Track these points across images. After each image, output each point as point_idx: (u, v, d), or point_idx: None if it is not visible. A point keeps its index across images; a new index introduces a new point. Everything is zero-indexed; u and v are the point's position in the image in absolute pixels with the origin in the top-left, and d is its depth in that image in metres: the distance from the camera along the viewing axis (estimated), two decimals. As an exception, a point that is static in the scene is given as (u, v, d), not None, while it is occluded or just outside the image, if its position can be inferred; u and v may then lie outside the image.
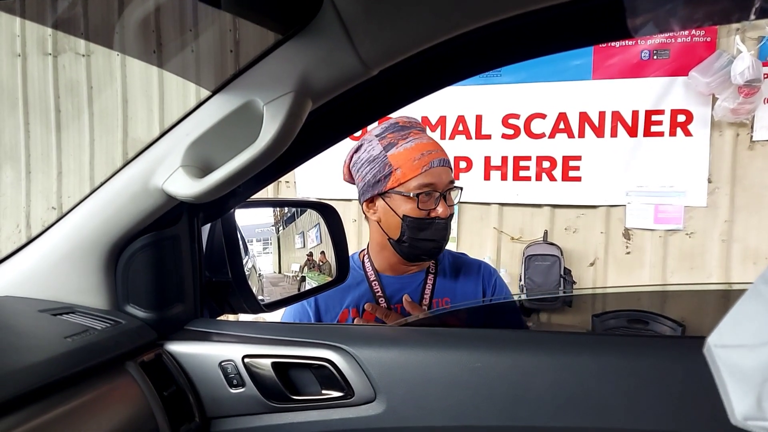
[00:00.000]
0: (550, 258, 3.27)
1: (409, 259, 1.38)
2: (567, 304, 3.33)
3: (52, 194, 4.25)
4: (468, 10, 0.65)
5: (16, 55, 4.27)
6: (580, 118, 3.33)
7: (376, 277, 1.45)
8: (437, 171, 1.31)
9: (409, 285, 1.44)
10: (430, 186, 1.31)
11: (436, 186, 1.31)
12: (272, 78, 0.71)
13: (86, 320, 0.76)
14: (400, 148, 1.34)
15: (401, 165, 1.32)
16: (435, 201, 1.32)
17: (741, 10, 0.59)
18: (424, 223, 1.32)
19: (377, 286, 1.43)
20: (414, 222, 1.32)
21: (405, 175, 1.31)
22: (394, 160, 1.33)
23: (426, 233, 1.32)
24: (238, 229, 0.98)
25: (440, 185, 1.32)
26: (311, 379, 0.81)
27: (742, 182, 3.10)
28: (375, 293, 1.42)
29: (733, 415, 0.38)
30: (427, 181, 1.30)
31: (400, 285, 1.43)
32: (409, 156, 1.32)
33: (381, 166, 1.34)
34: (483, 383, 0.75)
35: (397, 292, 1.42)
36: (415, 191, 1.30)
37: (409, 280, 1.45)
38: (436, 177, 1.31)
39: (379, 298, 1.42)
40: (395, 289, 1.43)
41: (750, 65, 2.80)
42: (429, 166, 1.31)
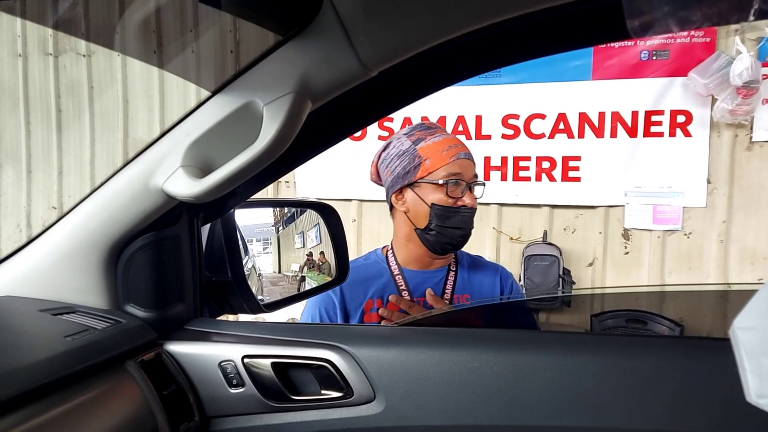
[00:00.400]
0: (549, 258, 3.27)
1: (434, 249, 1.44)
2: (566, 304, 3.33)
3: (53, 194, 4.25)
4: (467, 12, 0.65)
5: (18, 56, 4.27)
6: (579, 119, 3.33)
7: (399, 270, 1.51)
8: (464, 162, 1.41)
9: (431, 279, 1.50)
10: (458, 175, 1.39)
11: (462, 176, 1.39)
12: (272, 79, 0.71)
13: (86, 320, 0.76)
14: (428, 142, 1.42)
15: (430, 156, 1.40)
16: (462, 190, 1.39)
17: (740, 11, 0.59)
18: (452, 211, 1.39)
19: (400, 280, 1.49)
20: (442, 210, 1.39)
21: (434, 164, 1.39)
22: (423, 152, 1.41)
23: (453, 221, 1.40)
24: (237, 229, 0.98)
25: (466, 176, 1.40)
26: (310, 379, 0.81)
27: (741, 183, 3.10)
28: (398, 286, 1.48)
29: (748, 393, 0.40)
30: (455, 171, 1.38)
31: (422, 279, 1.49)
32: (437, 148, 1.41)
33: (410, 158, 1.42)
34: (481, 383, 0.75)
35: (419, 286, 1.48)
36: (444, 179, 1.38)
37: (431, 274, 1.51)
38: (462, 168, 1.40)
39: (402, 291, 1.48)
40: (417, 282, 1.49)
41: (749, 66, 2.81)
42: (456, 157, 1.40)
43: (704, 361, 0.72)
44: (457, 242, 1.42)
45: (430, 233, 1.42)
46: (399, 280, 1.49)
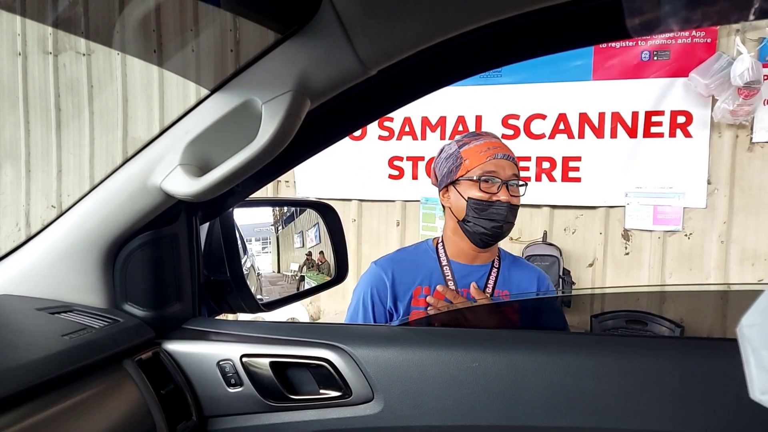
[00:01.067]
0: (549, 258, 3.27)
1: (474, 240, 1.56)
2: (566, 305, 3.32)
3: (52, 193, 4.25)
4: (466, 10, 0.65)
5: (17, 54, 4.27)
6: (579, 119, 3.33)
7: (447, 262, 1.63)
8: (500, 162, 1.52)
9: (475, 273, 1.61)
10: (493, 173, 1.51)
11: (497, 174, 1.51)
12: (271, 77, 0.71)
13: (84, 318, 0.76)
14: (471, 145, 1.57)
15: (469, 156, 1.55)
16: (497, 187, 1.51)
17: (740, 11, 0.59)
18: (485, 204, 1.51)
19: (447, 271, 1.61)
20: (476, 203, 1.52)
21: (472, 164, 1.53)
22: (465, 153, 1.56)
23: (487, 214, 1.51)
24: (236, 228, 0.98)
25: (502, 175, 1.51)
26: (309, 379, 0.81)
27: (741, 184, 3.10)
28: (445, 276, 1.60)
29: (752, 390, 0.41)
30: (489, 169, 1.51)
31: (467, 272, 1.61)
32: (477, 149, 1.55)
33: (454, 159, 1.57)
34: (480, 383, 0.75)
35: (464, 278, 1.60)
36: (478, 176, 1.51)
37: (475, 269, 1.62)
38: (498, 166, 1.51)
39: (448, 281, 1.59)
40: (463, 274, 1.60)
41: (750, 67, 2.80)
42: (492, 157, 1.52)
43: (704, 361, 0.72)
44: (492, 232, 1.53)
45: (468, 224, 1.55)
46: (446, 271, 1.61)
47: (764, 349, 0.40)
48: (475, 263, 1.63)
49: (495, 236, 1.54)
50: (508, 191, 1.51)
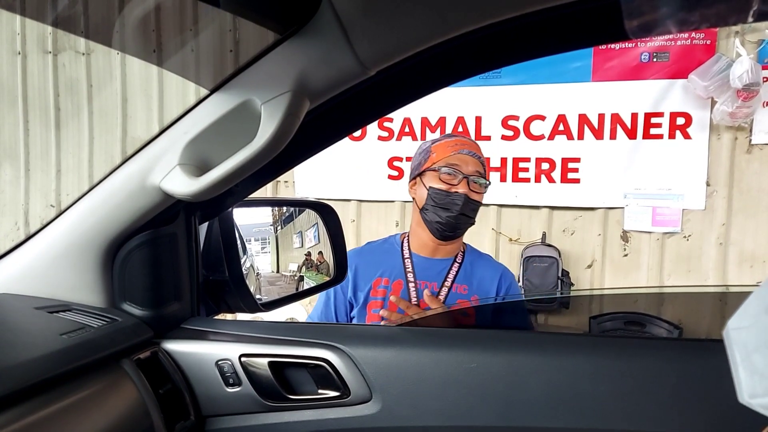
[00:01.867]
0: (548, 259, 3.27)
1: (431, 229, 1.61)
2: (564, 306, 3.33)
3: (51, 192, 4.24)
4: (466, 11, 0.65)
5: (16, 53, 4.27)
6: (579, 120, 3.33)
7: (409, 255, 1.69)
8: (464, 157, 1.60)
9: (436, 266, 1.67)
10: (455, 166, 1.58)
11: (459, 167, 1.58)
12: (270, 77, 0.71)
13: (82, 318, 0.76)
14: (441, 141, 1.65)
15: (438, 150, 1.63)
16: (458, 180, 1.57)
17: (739, 13, 0.59)
18: (444, 194, 1.57)
19: (409, 264, 1.67)
20: (436, 193, 1.58)
21: (438, 156, 1.61)
22: (434, 148, 1.64)
23: (444, 203, 1.57)
24: (235, 228, 0.98)
25: (465, 169, 1.58)
26: (307, 379, 0.81)
27: (740, 186, 3.10)
28: (406, 269, 1.66)
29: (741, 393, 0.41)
30: (452, 162, 1.58)
31: (428, 265, 1.67)
32: (445, 145, 1.63)
33: (424, 153, 1.66)
34: (478, 384, 0.75)
35: (424, 270, 1.66)
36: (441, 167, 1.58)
37: (436, 262, 1.67)
38: (461, 161, 1.59)
39: (408, 273, 1.65)
40: (423, 267, 1.66)
41: (749, 69, 2.80)
42: (458, 152, 1.60)
43: (701, 362, 0.72)
44: (446, 222, 1.58)
45: (426, 213, 1.61)
46: (407, 264, 1.67)
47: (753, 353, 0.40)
48: (437, 257, 1.68)
49: (450, 226, 1.59)
50: (468, 186, 1.57)
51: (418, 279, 1.64)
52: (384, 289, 1.63)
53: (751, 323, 0.41)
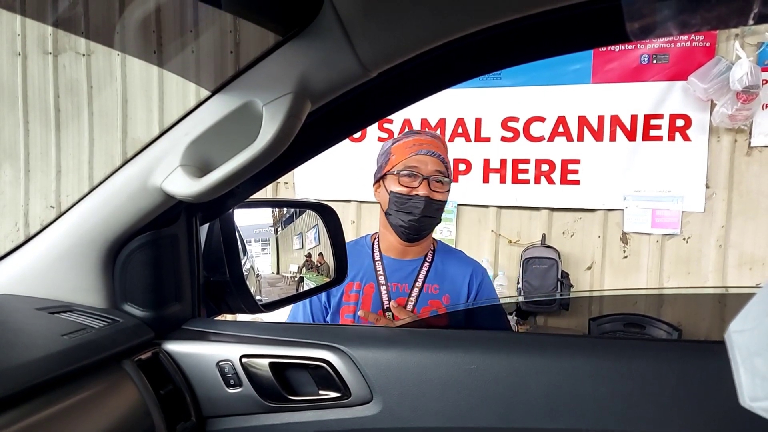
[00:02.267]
0: (547, 261, 3.27)
1: (396, 232, 1.61)
2: (564, 308, 3.33)
3: (51, 193, 4.24)
4: (466, 14, 0.65)
5: (17, 54, 4.27)
6: (579, 122, 3.33)
7: (380, 257, 1.68)
8: (423, 158, 1.58)
9: (406, 267, 1.66)
10: (414, 168, 1.57)
11: (419, 169, 1.57)
12: (272, 79, 0.71)
13: (84, 318, 0.76)
14: (400, 142, 1.63)
15: (396, 152, 1.61)
16: (418, 182, 1.56)
17: (740, 15, 0.59)
18: (404, 198, 1.57)
19: (379, 266, 1.66)
20: (396, 197, 1.58)
21: (397, 159, 1.60)
22: (393, 149, 1.63)
23: (405, 207, 1.57)
24: (236, 229, 0.98)
25: (424, 170, 1.57)
26: (308, 380, 0.81)
27: (739, 188, 3.10)
28: (376, 271, 1.65)
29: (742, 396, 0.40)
30: (411, 164, 1.57)
31: (398, 266, 1.66)
32: (404, 146, 1.61)
33: (385, 155, 1.65)
34: (478, 385, 0.75)
35: (395, 272, 1.65)
36: (400, 170, 1.58)
37: (406, 263, 1.67)
38: (420, 162, 1.57)
39: (379, 275, 1.65)
40: (393, 269, 1.66)
41: (748, 71, 2.81)
42: (416, 153, 1.58)
43: (702, 364, 0.72)
44: (409, 225, 1.58)
45: (389, 217, 1.61)
46: (378, 267, 1.66)
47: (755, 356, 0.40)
48: (406, 258, 1.68)
49: (413, 229, 1.59)
50: (429, 187, 1.56)
51: (390, 281, 1.63)
52: (356, 293, 1.62)
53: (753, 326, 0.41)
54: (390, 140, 1.68)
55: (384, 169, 1.63)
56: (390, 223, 1.62)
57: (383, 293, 1.62)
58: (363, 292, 1.62)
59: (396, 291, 1.62)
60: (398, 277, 1.64)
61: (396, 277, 1.64)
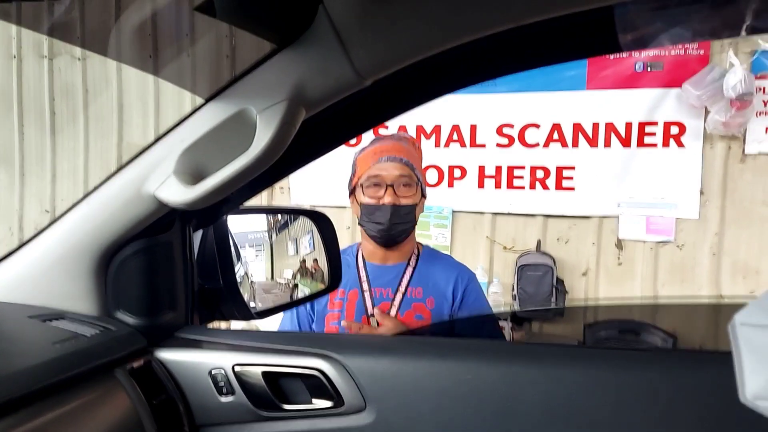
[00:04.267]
0: (542, 268, 3.27)
1: (372, 240, 1.63)
2: (559, 314, 3.33)
3: (46, 197, 4.23)
4: (461, 23, 0.65)
5: (12, 57, 4.26)
6: (573, 129, 3.34)
7: (363, 264, 1.69)
8: (385, 165, 1.59)
9: (389, 272, 1.67)
10: (376, 177, 1.58)
11: (382, 178, 1.57)
12: (267, 86, 0.71)
13: (76, 326, 0.75)
14: (363, 152, 1.66)
15: (360, 164, 1.64)
16: (383, 190, 1.57)
17: (732, 27, 0.59)
18: (372, 207, 1.58)
19: (362, 273, 1.67)
20: (365, 207, 1.60)
21: (361, 170, 1.62)
22: (357, 161, 1.67)
23: (374, 217, 1.58)
24: (230, 236, 0.97)
25: (387, 178, 1.57)
26: (301, 388, 0.81)
27: (733, 195, 3.11)
28: (360, 278, 1.66)
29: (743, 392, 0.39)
30: (373, 173, 1.59)
31: (381, 272, 1.67)
32: (366, 156, 1.64)
33: (352, 168, 1.69)
34: (473, 395, 0.75)
35: (378, 278, 1.66)
36: (364, 182, 1.60)
37: (389, 268, 1.68)
38: (383, 170, 1.58)
39: (362, 282, 1.65)
40: (376, 275, 1.67)
41: (742, 79, 2.82)
42: (377, 161, 1.59)
43: (697, 373, 0.72)
44: (380, 235, 1.59)
45: (363, 227, 1.63)
46: (361, 273, 1.67)
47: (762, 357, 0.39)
48: (388, 263, 1.68)
49: (386, 237, 1.60)
50: (395, 193, 1.57)
51: (373, 287, 1.64)
52: (340, 300, 1.63)
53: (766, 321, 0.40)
54: (356, 150, 1.71)
55: (352, 182, 1.67)
56: (365, 232, 1.64)
57: (367, 299, 1.62)
58: (347, 299, 1.62)
59: (380, 296, 1.63)
60: (381, 283, 1.65)
61: (379, 282, 1.65)
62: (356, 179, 1.64)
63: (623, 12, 0.60)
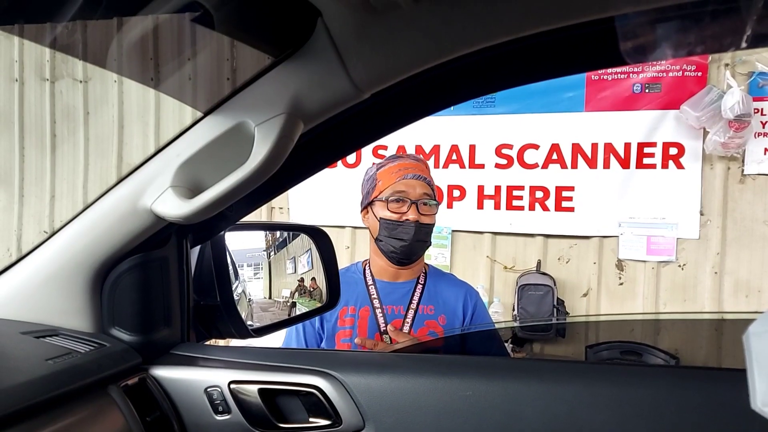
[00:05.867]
0: (543, 288, 3.25)
1: (388, 257, 1.62)
2: (560, 335, 3.30)
3: (45, 218, 4.22)
4: (460, 36, 0.65)
5: (14, 80, 4.28)
6: (572, 150, 3.36)
7: (372, 281, 1.68)
8: (410, 182, 1.59)
9: (399, 290, 1.67)
10: (402, 193, 1.58)
11: (407, 194, 1.57)
12: (264, 99, 0.71)
13: (70, 343, 0.74)
14: (386, 166, 1.64)
15: (383, 178, 1.62)
16: (407, 207, 1.57)
17: (733, 38, 0.59)
18: (395, 224, 1.57)
19: (373, 290, 1.66)
20: (387, 223, 1.58)
21: (384, 184, 1.60)
22: (380, 175, 1.63)
23: (396, 233, 1.58)
24: (227, 253, 0.97)
25: (412, 194, 1.58)
26: (298, 407, 0.79)
27: (734, 215, 3.11)
28: (370, 296, 1.65)
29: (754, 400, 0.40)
30: (399, 189, 1.58)
31: (391, 289, 1.67)
32: (389, 171, 1.62)
33: (371, 181, 1.65)
34: (474, 412, 0.73)
35: (389, 295, 1.66)
36: (388, 196, 1.58)
37: (399, 285, 1.68)
38: (408, 186, 1.58)
39: (373, 299, 1.64)
40: (387, 292, 1.66)
41: (740, 100, 2.84)
42: (402, 178, 1.59)
43: (701, 391, 0.71)
44: (401, 251, 1.59)
45: (380, 243, 1.62)
46: (372, 290, 1.66)
47: None
48: (399, 281, 1.68)
49: (405, 255, 1.60)
50: (418, 211, 1.57)
51: (384, 304, 1.64)
52: (351, 317, 1.62)
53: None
54: (374, 166, 1.69)
55: (371, 195, 1.64)
56: (381, 249, 1.63)
57: (379, 316, 1.62)
58: (358, 316, 1.61)
59: (391, 313, 1.63)
60: (392, 300, 1.65)
61: (390, 299, 1.65)
62: (377, 193, 1.62)
63: (621, 24, 0.60)
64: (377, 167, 1.66)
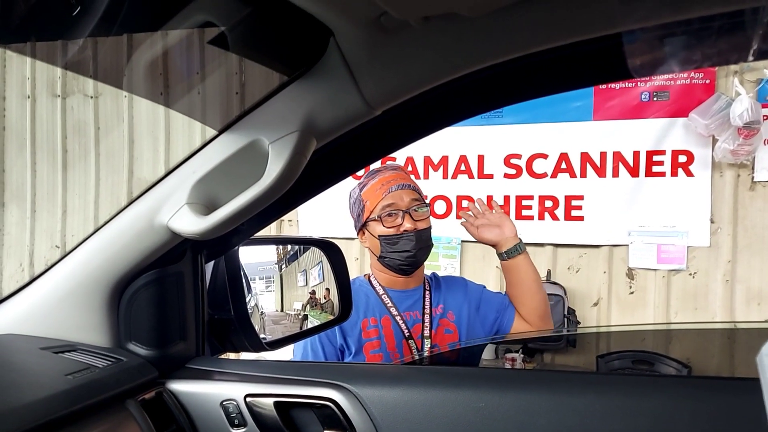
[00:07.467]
0: (553, 297, 3.24)
1: (395, 271, 1.64)
2: (571, 345, 3.29)
3: (56, 233, 4.26)
4: (469, 53, 0.67)
5: (26, 97, 4.34)
6: (581, 159, 3.35)
7: (384, 291, 1.69)
8: (396, 194, 1.60)
9: (411, 296, 1.70)
10: (391, 206, 1.59)
11: (397, 206, 1.59)
12: (278, 117, 0.72)
13: (88, 358, 0.75)
14: (368, 186, 1.66)
15: (369, 197, 1.64)
16: (400, 218, 1.58)
17: (740, 51, 0.60)
18: (394, 238, 1.59)
19: (386, 298, 1.68)
20: (386, 239, 1.60)
21: (372, 204, 1.62)
22: (365, 195, 1.65)
23: (398, 246, 1.60)
24: (241, 267, 0.98)
25: (402, 205, 1.59)
26: (313, 419, 0.80)
27: (744, 223, 3.09)
28: (386, 304, 1.67)
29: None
30: (387, 203, 1.59)
31: (404, 296, 1.69)
32: (373, 189, 1.64)
33: (358, 204, 1.67)
34: (487, 424, 0.73)
35: (403, 302, 1.68)
36: (380, 213, 1.59)
37: (410, 292, 1.70)
38: (395, 198, 1.60)
39: (390, 307, 1.66)
40: (400, 300, 1.68)
41: (749, 107, 2.83)
42: (388, 191, 1.60)
43: (714, 401, 0.71)
44: (408, 262, 1.61)
45: (386, 260, 1.63)
46: (385, 299, 1.68)
47: None
48: (408, 288, 1.71)
49: (413, 264, 1.63)
50: (412, 218, 1.59)
51: (401, 311, 1.67)
52: (375, 328, 1.63)
53: None
54: (357, 188, 1.71)
55: (363, 217, 1.66)
56: (388, 265, 1.64)
57: (400, 323, 1.64)
58: (382, 326, 1.63)
59: (411, 319, 1.66)
60: (406, 307, 1.67)
61: (404, 306, 1.67)
62: (367, 213, 1.64)
63: (628, 39, 0.61)
64: (360, 188, 1.69)
